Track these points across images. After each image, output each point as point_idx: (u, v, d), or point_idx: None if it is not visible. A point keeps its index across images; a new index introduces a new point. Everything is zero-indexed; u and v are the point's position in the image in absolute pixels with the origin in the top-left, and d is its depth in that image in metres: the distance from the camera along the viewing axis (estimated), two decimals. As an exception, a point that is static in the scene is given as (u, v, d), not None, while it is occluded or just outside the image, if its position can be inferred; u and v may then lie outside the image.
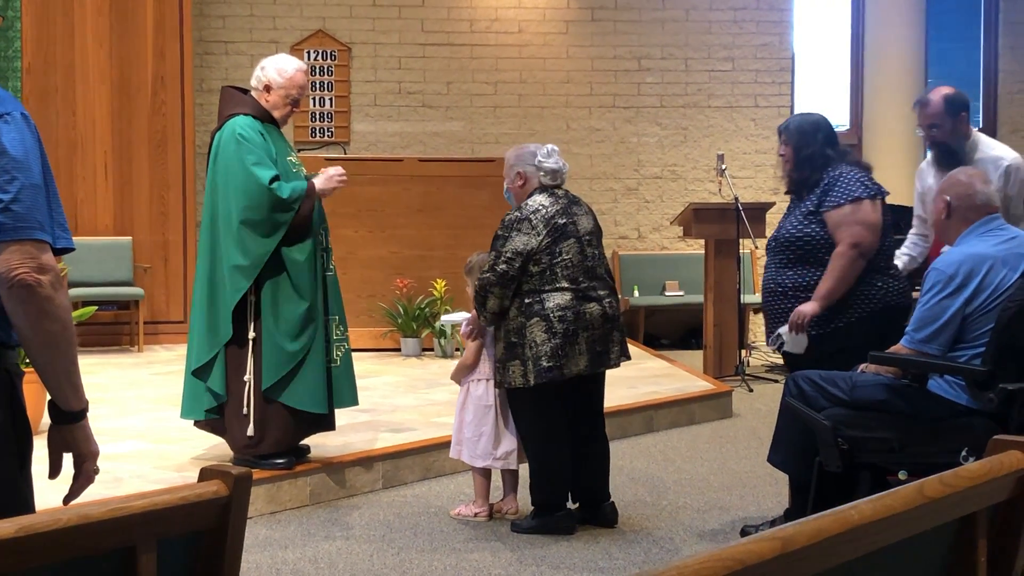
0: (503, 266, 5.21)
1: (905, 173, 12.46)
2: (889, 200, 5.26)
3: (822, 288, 4.99)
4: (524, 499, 5.54)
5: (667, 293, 12.15)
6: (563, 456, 5.34)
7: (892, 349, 4.64)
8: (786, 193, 5.43)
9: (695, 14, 12.64)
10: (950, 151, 5.46)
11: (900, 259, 5.59)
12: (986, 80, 13.61)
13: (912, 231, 5.82)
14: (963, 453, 4.18)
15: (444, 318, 5.78)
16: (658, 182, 12.70)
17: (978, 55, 13.65)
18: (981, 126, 13.41)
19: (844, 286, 4.98)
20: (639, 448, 7.17)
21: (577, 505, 5.46)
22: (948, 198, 4.61)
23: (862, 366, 4.77)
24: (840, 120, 13.39)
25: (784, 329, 5.06)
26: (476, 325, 5.52)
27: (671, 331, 12.43)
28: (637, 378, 8.71)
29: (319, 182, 5.66)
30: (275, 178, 5.52)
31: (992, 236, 4.46)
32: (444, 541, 5.24)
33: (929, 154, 5.75)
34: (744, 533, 5.25)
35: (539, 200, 5.31)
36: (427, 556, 5.03)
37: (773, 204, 10.75)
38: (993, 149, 5.51)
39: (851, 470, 4.47)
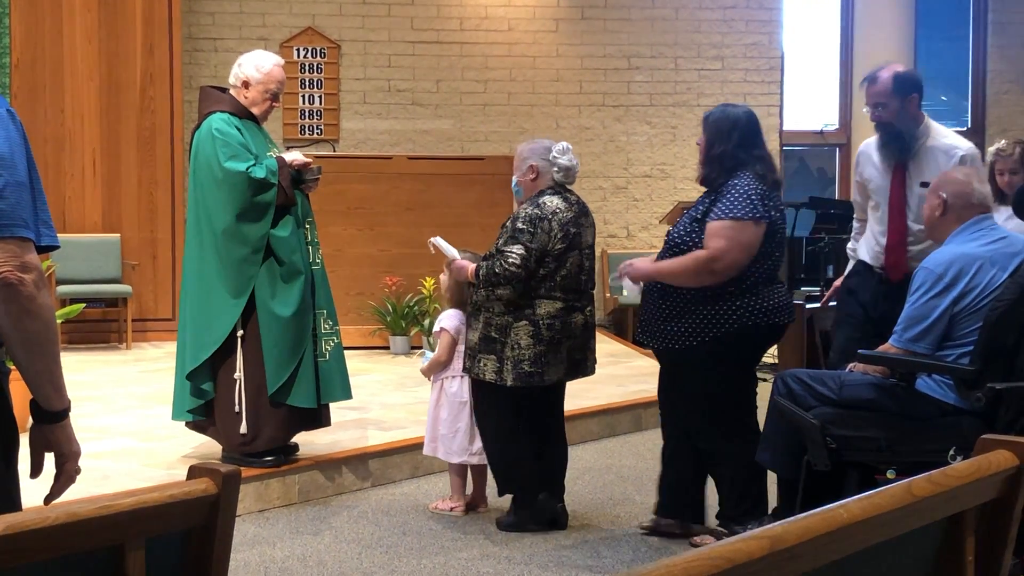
0: (530, 263, 5.11)
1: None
2: None
3: (664, 265, 4.93)
4: (493, 495, 5.54)
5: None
6: (528, 451, 5.34)
7: (881, 348, 4.64)
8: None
9: (685, 13, 12.65)
10: (896, 134, 5.19)
11: (854, 259, 5.48)
12: (974, 80, 13.65)
13: (855, 218, 5.62)
14: (951, 452, 4.18)
15: (436, 239, 5.44)
16: (647, 181, 12.71)
17: (967, 55, 13.69)
18: (970, 126, 13.45)
19: (676, 279, 4.89)
20: (628, 446, 7.18)
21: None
22: (944, 195, 4.57)
23: (850, 365, 4.78)
24: (829, 119, 13.42)
25: (624, 280, 5.11)
26: (455, 280, 5.47)
27: (660, 330, 12.42)
28: (626, 376, 8.71)
29: (287, 156, 5.68)
30: (250, 166, 5.53)
31: (982, 236, 4.47)
32: (433, 539, 5.24)
33: (875, 136, 5.41)
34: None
35: (556, 203, 5.23)
36: (415, 554, 5.03)
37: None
38: (946, 137, 5.22)
39: (839, 469, 4.47)
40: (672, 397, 5.19)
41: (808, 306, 6.29)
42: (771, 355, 10.23)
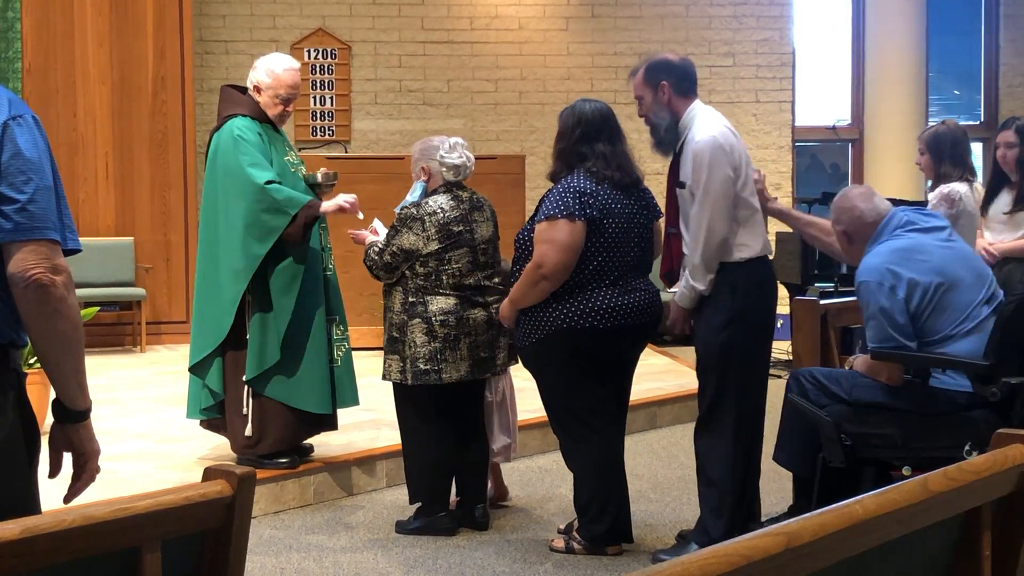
0: (388, 258, 5.21)
1: (907, 167, 12.47)
2: (892, 195, 5.16)
3: (512, 294, 4.92)
4: (516, 494, 5.54)
5: (669, 289, 12.11)
6: (439, 457, 5.29)
7: (857, 364, 4.63)
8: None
9: (695, 9, 12.64)
10: (653, 128, 4.85)
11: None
12: (987, 74, 13.61)
13: None
14: (966, 447, 4.18)
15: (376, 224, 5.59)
16: (659, 178, 12.64)
17: (979, 49, 13.65)
18: (983, 120, 13.40)
19: (524, 299, 4.84)
20: (642, 444, 7.17)
21: (458, 500, 5.43)
22: (842, 228, 4.65)
23: (852, 360, 4.80)
24: (842, 115, 13.39)
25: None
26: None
27: (673, 327, 12.41)
28: (640, 374, 8.63)
29: (327, 204, 5.58)
30: (271, 181, 5.48)
31: (897, 234, 4.50)
32: (448, 539, 5.24)
33: None
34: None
35: (440, 202, 5.20)
36: (431, 554, 5.04)
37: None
38: (694, 128, 4.70)
39: (855, 465, 4.46)
40: None
41: (822, 302, 6.25)
42: (785, 352, 10.21)
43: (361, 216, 5.69)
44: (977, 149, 13.08)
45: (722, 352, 4.71)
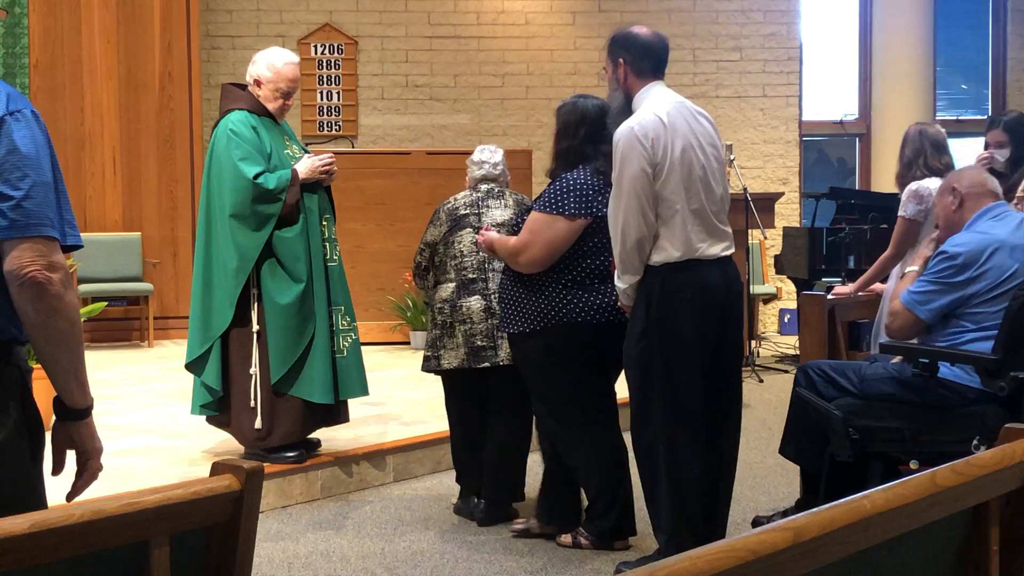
0: (417, 257, 5.46)
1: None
2: (893, 190, 5.12)
3: (498, 238, 4.93)
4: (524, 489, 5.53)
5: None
6: (461, 443, 5.47)
7: (897, 298, 4.57)
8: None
9: (702, 4, 12.62)
10: (611, 101, 4.55)
11: None
12: (994, 68, 13.59)
13: None
14: (974, 442, 4.17)
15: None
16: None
17: (986, 43, 13.62)
18: (990, 114, 13.36)
19: (502, 256, 4.91)
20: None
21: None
22: (962, 190, 4.57)
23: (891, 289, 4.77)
24: (849, 109, 13.36)
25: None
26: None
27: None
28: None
29: (300, 168, 5.62)
30: (261, 173, 5.51)
31: (999, 221, 4.47)
32: (455, 534, 5.24)
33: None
34: (755, 524, 5.24)
35: (457, 195, 5.44)
36: (438, 548, 5.04)
37: (782, 194, 10.73)
38: (637, 111, 4.35)
39: (862, 460, 4.46)
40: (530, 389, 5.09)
41: (829, 297, 6.24)
42: (793, 347, 10.20)
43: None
44: (981, 144, 13.05)
45: (637, 364, 4.43)
